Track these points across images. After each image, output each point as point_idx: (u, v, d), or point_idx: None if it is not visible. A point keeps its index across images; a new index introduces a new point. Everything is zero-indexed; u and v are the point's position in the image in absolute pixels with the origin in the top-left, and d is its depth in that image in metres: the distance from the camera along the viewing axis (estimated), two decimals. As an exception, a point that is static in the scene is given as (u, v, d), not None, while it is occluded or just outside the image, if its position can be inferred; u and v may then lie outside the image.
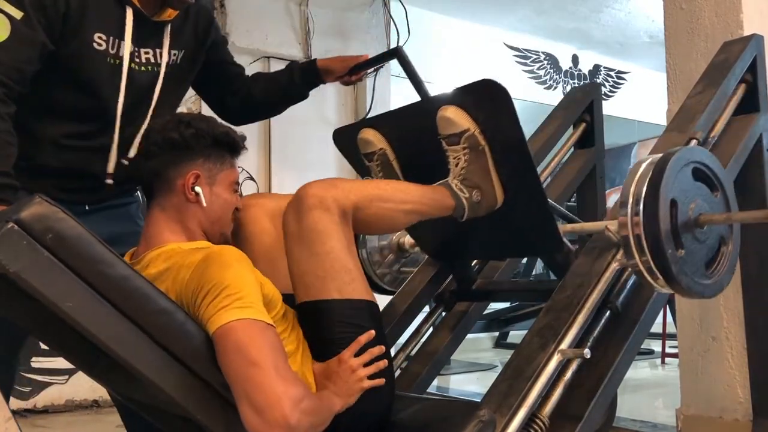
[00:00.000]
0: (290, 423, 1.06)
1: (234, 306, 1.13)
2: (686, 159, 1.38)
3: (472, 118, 1.53)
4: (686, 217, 1.35)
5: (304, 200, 1.35)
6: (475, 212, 1.56)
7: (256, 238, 1.55)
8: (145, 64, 1.70)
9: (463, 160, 1.54)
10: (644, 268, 1.32)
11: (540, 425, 1.33)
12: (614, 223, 1.47)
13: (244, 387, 1.09)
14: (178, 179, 1.36)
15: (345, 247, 1.35)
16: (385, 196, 1.45)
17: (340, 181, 1.41)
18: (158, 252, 1.32)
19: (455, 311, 2.08)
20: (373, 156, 1.72)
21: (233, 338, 1.11)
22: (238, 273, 1.18)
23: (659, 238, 1.29)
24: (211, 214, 1.40)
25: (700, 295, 1.38)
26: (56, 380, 3.56)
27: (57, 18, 1.54)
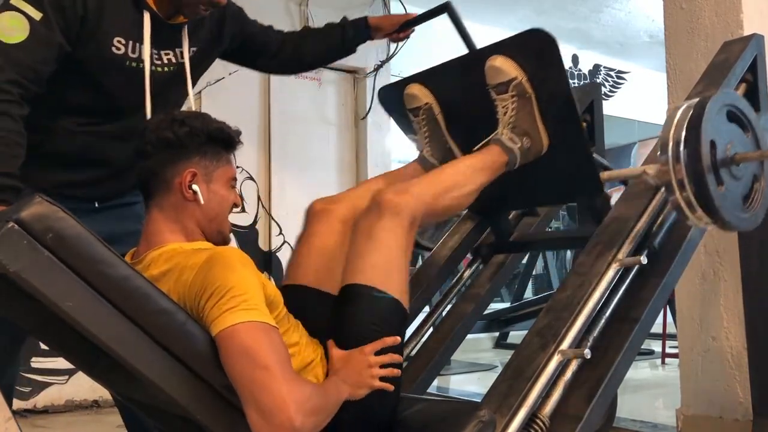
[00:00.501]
0: (295, 426, 1.07)
1: (239, 308, 1.14)
2: (721, 102, 1.47)
3: (519, 67, 1.60)
4: (724, 156, 1.44)
5: (379, 206, 1.43)
6: (526, 159, 1.64)
7: (319, 237, 1.60)
8: (167, 65, 1.73)
9: (512, 108, 1.61)
10: (685, 204, 1.40)
11: (540, 425, 1.33)
12: (652, 168, 1.56)
13: (249, 389, 1.10)
14: (174, 178, 1.36)
15: (402, 251, 1.42)
16: (449, 185, 1.54)
17: (412, 185, 1.49)
18: (159, 252, 1.32)
19: (492, 263, 2.16)
20: (418, 111, 1.78)
21: (238, 340, 1.11)
22: (242, 275, 1.18)
23: (703, 176, 1.38)
24: (209, 212, 1.39)
25: (739, 227, 1.49)
26: (56, 380, 3.56)
27: (75, 20, 1.56)
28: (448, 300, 2.11)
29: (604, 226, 1.61)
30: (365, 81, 4.64)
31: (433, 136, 1.78)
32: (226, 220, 1.45)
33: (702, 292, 2.44)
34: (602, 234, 1.60)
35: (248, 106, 4.20)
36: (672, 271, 1.57)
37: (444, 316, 2.11)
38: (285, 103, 4.35)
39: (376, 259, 1.39)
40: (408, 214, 1.43)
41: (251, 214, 4.22)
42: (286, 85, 4.34)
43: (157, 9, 1.66)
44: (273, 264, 4.24)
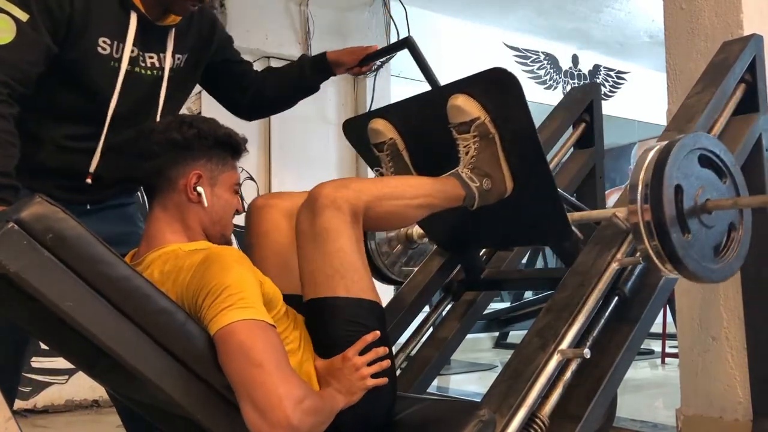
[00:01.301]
0: (292, 423, 1.07)
1: (236, 306, 1.14)
2: (691, 145, 1.41)
3: (482, 106, 1.55)
4: (693, 203, 1.38)
5: (316, 200, 1.37)
6: (486, 200, 1.58)
7: (270, 237, 1.57)
8: (150, 68, 1.71)
9: (473, 148, 1.57)
10: (653, 252, 1.35)
11: (540, 425, 1.33)
12: (622, 210, 1.51)
13: (246, 388, 1.10)
14: (180, 179, 1.37)
15: (354, 247, 1.36)
16: (396, 193, 1.47)
17: (351, 181, 1.43)
18: (159, 253, 1.32)
19: (463, 301, 2.11)
20: (383, 146, 1.74)
21: (235, 339, 1.11)
22: (238, 273, 1.18)
23: (664, 223, 1.32)
24: (213, 215, 1.40)
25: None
26: (56, 380, 3.56)
27: (62, 21, 1.55)
28: (416, 340, 2.05)
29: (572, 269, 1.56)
30: (365, 81, 4.64)
31: (398, 171, 1.73)
32: (229, 224, 1.46)
33: (702, 292, 2.44)
34: (572, 276, 1.54)
35: (248, 106, 4.20)
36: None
37: (448, 311, 2.10)
38: (285, 103, 4.35)
39: (330, 266, 1.34)
40: (348, 208, 1.36)
41: (251, 214, 4.22)
42: (286, 85, 4.35)
43: (144, 10, 1.65)
44: (273, 264, 4.23)
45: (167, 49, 1.72)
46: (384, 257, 2.18)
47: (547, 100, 5.89)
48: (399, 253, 2.22)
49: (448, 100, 1.57)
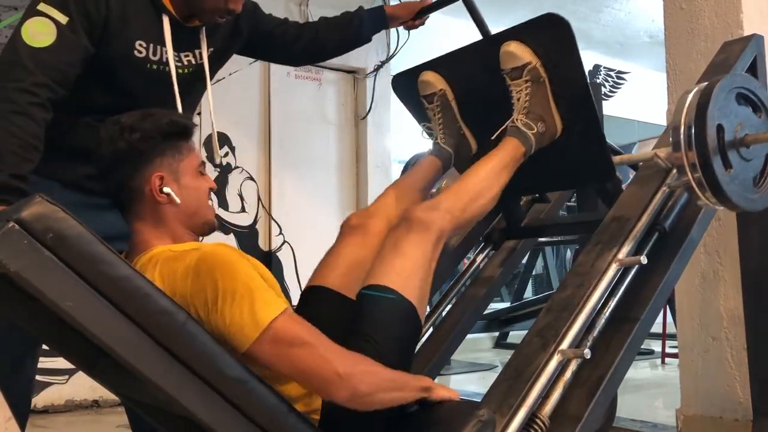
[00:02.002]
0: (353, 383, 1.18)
1: (258, 308, 1.17)
2: (729, 86, 1.48)
3: (533, 51, 1.64)
4: (732, 138, 1.46)
5: (409, 222, 1.47)
6: (540, 144, 1.67)
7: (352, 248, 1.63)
8: (186, 66, 1.76)
9: (525, 93, 1.65)
10: (696, 185, 1.43)
11: (540, 425, 1.33)
12: (663, 151, 1.60)
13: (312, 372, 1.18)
14: (143, 186, 1.34)
15: (428, 263, 1.46)
16: (476, 194, 1.58)
17: (440, 201, 1.54)
18: (148, 257, 1.32)
19: (503, 248, 2.19)
20: (432, 97, 1.80)
21: (279, 341, 1.17)
22: (242, 272, 1.20)
23: (709, 159, 1.40)
24: (188, 208, 1.39)
25: (748, 208, 1.50)
26: (56, 380, 3.56)
27: (99, 23, 1.59)
28: (457, 287, 2.13)
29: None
30: (365, 81, 4.64)
31: (447, 123, 1.80)
32: (208, 209, 1.44)
33: (702, 292, 2.44)
34: (603, 232, 1.59)
35: (248, 106, 4.20)
36: (672, 270, 1.57)
37: (448, 311, 2.12)
38: (285, 103, 4.35)
39: (399, 266, 1.42)
40: (436, 230, 1.47)
41: (251, 214, 4.22)
42: (286, 85, 4.34)
43: (175, 12, 1.69)
44: (273, 264, 4.23)
45: (202, 45, 1.77)
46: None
47: (547, 100, 5.88)
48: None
49: (501, 46, 1.65)
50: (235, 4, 1.70)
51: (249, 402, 1.15)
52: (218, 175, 4.08)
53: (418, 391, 1.30)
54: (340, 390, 1.18)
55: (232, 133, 4.12)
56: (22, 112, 1.47)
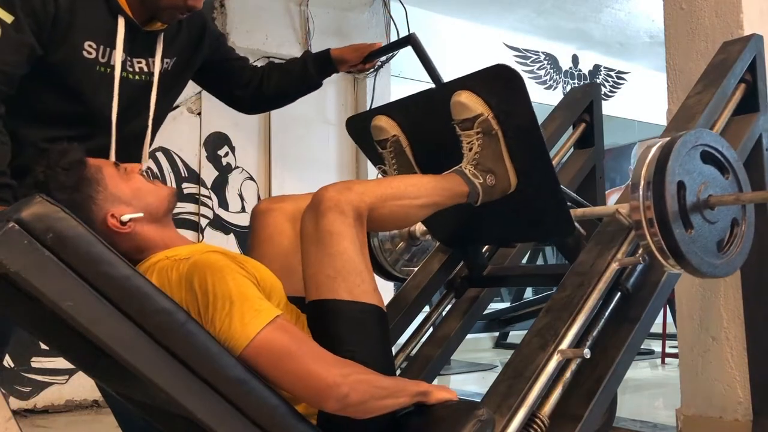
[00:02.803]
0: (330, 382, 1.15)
1: (248, 318, 1.16)
2: (693, 142, 1.42)
3: (485, 103, 1.56)
4: (695, 199, 1.39)
5: (320, 203, 1.35)
6: (489, 197, 1.58)
7: (274, 240, 1.57)
8: (138, 73, 1.70)
9: (477, 144, 1.57)
10: (656, 248, 1.36)
11: (540, 425, 1.33)
12: (625, 207, 1.52)
13: (299, 382, 1.16)
14: (106, 230, 1.32)
15: (358, 250, 1.35)
16: (399, 193, 1.46)
17: (355, 183, 1.42)
18: (146, 266, 1.33)
19: (465, 298, 2.11)
20: (386, 143, 1.74)
21: (266, 351, 1.16)
22: (233, 280, 1.20)
23: (667, 219, 1.33)
24: (149, 209, 1.37)
25: (711, 274, 1.42)
26: (56, 380, 3.56)
27: (46, 23, 1.55)
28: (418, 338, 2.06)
29: (572, 269, 1.57)
30: (365, 81, 4.64)
31: (401, 169, 1.73)
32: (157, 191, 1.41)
33: (702, 292, 2.44)
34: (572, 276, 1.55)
35: (248, 106, 4.20)
36: (670, 272, 1.56)
37: (448, 310, 2.11)
38: (285, 103, 4.35)
39: (333, 268, 1.32)
40: (352, 210, 1.35)
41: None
42: (286, 85, 4.34)
43: (132, 15, 1.64)
44: (273, 264, 4.23)
45: (156, 54, 1.70)
46: (387, 254, 2.19)
47: (547, 100, 5.89)
48: (402, 251, 2.23)
49: (452, 96, 1.58)
50: (194, 1, 1.63)
51: (249, 402, 1.15)
52: (218, 175, 4.09)
53: (414, 397, 1.28)
54: (329, 401, 1.16)
55: (232, 133, 4.12)
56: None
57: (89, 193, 1.32)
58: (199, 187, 4.02)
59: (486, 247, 2.13)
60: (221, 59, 1.93)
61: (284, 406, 1.19)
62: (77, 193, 1.30)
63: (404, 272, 2.19)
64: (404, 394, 1.27)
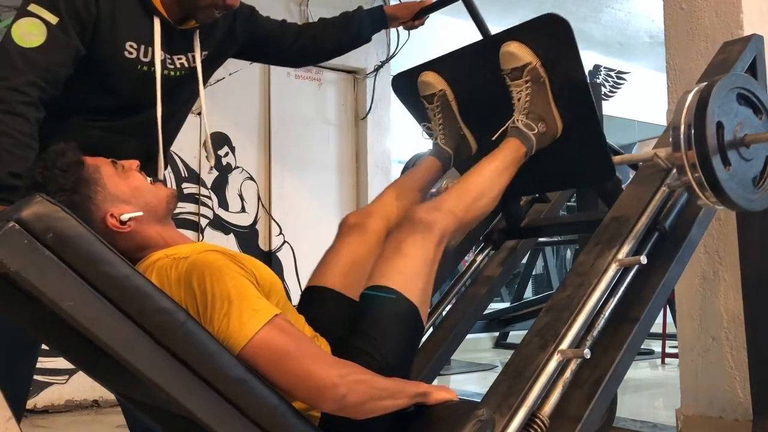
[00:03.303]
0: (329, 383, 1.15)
1: (246, 317, 1.16)
2: (730, 84, 1.49)
3: (533, 52, 1.64)
4: (732, 137, 1.47)
5: (410, 222, 1.46)
6: (541, 144, 1.67)
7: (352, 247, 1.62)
8: (179, 69, 1.75)
9: (525, 93, 1.65)
10: (696, 184, 1.43)
11: (540, 425, 1.33)
12: (663, 151, 1.61)
13: (297, 382, 1.16)
14: (106, 229, 1.32)
15: (430, 264, 1.45)
16: (478, 193, 1.58)
17: (444, 201, 1.53)
18: (146, 264, 1.33)
19: (504, 248, 2.19)
20: (432, 98, 1.80)
21: (263, 351, 1.16)
22: (232, 280, 1.20)
23: (708, 156, 1.41)
24: (148, 208, 1.38)
25: (747, 207, 1.50)
26: (56, 380, 3.56)
27: (89, 24, 1.59)
28: (457, 287, 2.13)
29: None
30: (365, 81, 4.64)
31: (447, 124, 1.80)
32: (157, 190, 1.42)
33: (702, 292, 2.44)
34: (603, 232, 1.59)
35: (248, 106, 4.20)
36: (672, 270, 1.57)
37: (449, 311, 2.12)
38: (285, 103, 4.35)
39: (402, 266, 1.41)
40: (439, 230, 1.46)
41: (251, 214, 4.22)
42: (286, 85, 4.34)
43: (167, 15, 1.68)
44: (273, 264, 4.24)
45: (195, 50, 1.75)
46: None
47: (547, 100, 5.88)
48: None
49: (501, 47, 1.65)
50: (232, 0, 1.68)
51: (249, 402, 1.15)
52: (218, 175, 4.09)
53: (413, 398, 1.29)
54: (327, 401, 1.17)
55: (232, 133, 4.12)
56: (13, 111, 1.47)
57: (88, 194, 1.32)
58: (199, 187, 4.03)
59: (522, 202, 2.21)
60: (259, 37, 1.96)
61: (284, 406, 1.19)
62: (76, 195, 1.31)
63: None
64: (403, 395, 1.27)
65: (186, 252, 1.31)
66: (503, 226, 2.15)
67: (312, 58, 2.16)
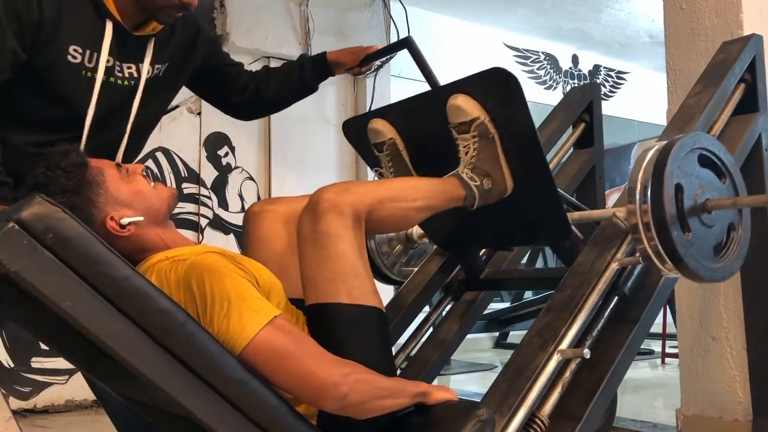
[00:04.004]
0: (342, 392, 1.16)
1: (246, 318, 1.16)
2: (690, 145, 1.41)
3: (481, 106, 1.55)
4: (693, 202, 1.39)
5: (318, 204, 1.33)
6: (486, 200, 1.58)
7: (267, 242, 1.56)
8: (128, 78, 1.68)
9: (473, 148, 1.56)
10: (652, 252, 1.35)
11: (540, 425, 1.33)
12: (622, 210, 1.52)
13: (298, 382, 1.16)
14: (106, 233, 1.31)
15: (356, 252, 1.33)
16: (397, 195, 1.45)
17: (353, 184, 1.41)
18: (147, 266, 1.33)
19: (463, 301, 2.11)
20: (382, 146, 1.74)
21: (263, 351, 1.16)
22: (231, 281, 1.20)
23: (665, 222, 1.32)
24: (149, 212, 1.37)
25: (708, 278, 1.41)
26: (56, 380, 3.56)
27: (30, 27, 1.52)
28: (417, 339, 2.06)
29: (572, 270, 1.56)
30: (365, 81, 4.64)
31: (398, 172, 1.73)
32: (159, 193, 1.41)
33: (702, 292, 2.44)
34: (572, 276, 1.54)
35: (248, 106, 4.20)
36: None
37: (448, 311, 2.11)
38: (285, 103, 4.35)
39: (331, 271, 1.31)
40: (350, 212, 1.34)
41: (251, 214, 4.21)
42: (286, 85, 4.34)
43: (122, 19, 1.62)
44: (273, 264, 4.23)
45: (145, 60, 1.68)
46: (384, 257, 2.18)
47: (547, 100, 5.89)
48: (399, 253, 2.23)
49: (448, 99, 1.57)
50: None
51: (249, 402, 1.15)
52: (218, 175, 4.09)
53: (414, 397, 1.28)
54: (329, 400, 1.16)
55: (232, 133, 4.12)
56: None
57: (89, 196, 1.32)
58: (199, 187, 4.03)
59: (484, 250, 2.13)
60: (217, 65, 1.92)
61: (284, 406, 1.19)
62: (77, 197, 1.30)
63: (402, 274, 2.18)
64: (404, 394, 1.27)
65: (185, 254, 1.31)
66: (462, 277, 2.06)
67: (256, 110, 2.04)
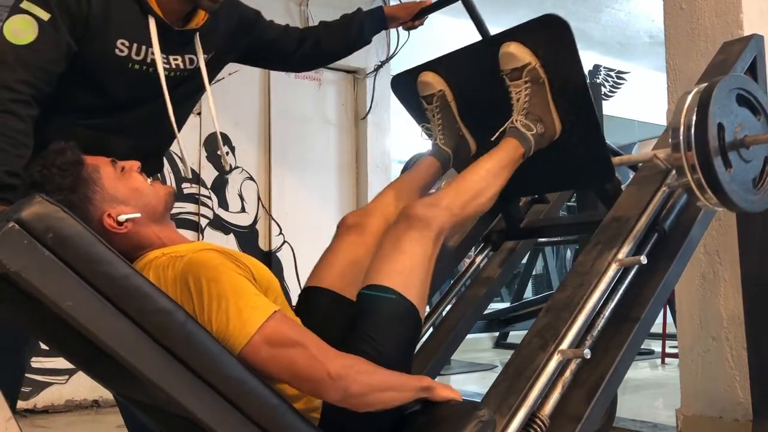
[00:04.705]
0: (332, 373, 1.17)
1: (245, 315, 1.16)
2: (730, 86, 1.50)
3: (533, 53, 1.64)
4: (732, 139, 1.48)
5: (409, 219, 1.46)
6: (540, 145, 1.67)
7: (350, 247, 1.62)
8: (174, 70, 1.73)
9: (525, 93, 1.65)
10: (696, 185, 1.44)
11: (540, 425, 1.33)
12: (662, 152, 1.62)
13: (298, 374, 1.17)
14: (103, 229, 1.31)
15: (428, 261, 1.44)
16: (475, 192, 1.58)
17: (441, 197, 1.53)
18: (143, 262, 1.33)
19: (503, 249, 2.20)
20: (432, 98, 1.80)
21: (264, 348, 1.16)
22: (229, 278, 1.20)
23: (710, 159, 1.41)
24: (147, 209, 1.37)
25: (748, 209, 1.51)
26: (56, 380, 3.56)
27: (80, 20, 1.57)
28: (457, 288, 2.13)
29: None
30: (365, 81, 4.64)
31: (446, 124, 1.80)
32: (156, 190, 1.41)
33: (702, 292, 2.44)
34: (603, 233, 1.59)
35: (248, 106, 4.20)
36: (672, 270, 1.57)
37: (448, 311, 2.13)
38: (285, 103, 4.35)
39: (400, 265, 1.41)
40: (437, 227, 1.46)
41: (251, 214, 4.22)
42: (286, 85, 4.34)
43: (163, 15, 1.67)
44: (273, 264, 4.24)
45: (198, 52, 1.74)
46: None
47: (547, 100, 5.88)
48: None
49: (500, 47, 1.65)
50: None
51: (249, 401, 1.15)
52: (218, 175, 4.09)
53: (417, 392, 1.30)
54: (331, 391, 1.17)
55: (232, 133, 4.12)
56: (6, 109, 1.46)
57: (86, 194, 1.32)
58: (199, 187, 4.03)
59: (521, 203, 2.21)
60: (264, 42, 1.96)
61: (284, 405, 1.19)
62: (74, 194, 1.30)
63: None
64: (407, 388, 1.28)
65: (183, 251, 1.31)
66: (502, 227, 2.14)
67: (314, 63, 2.15)
